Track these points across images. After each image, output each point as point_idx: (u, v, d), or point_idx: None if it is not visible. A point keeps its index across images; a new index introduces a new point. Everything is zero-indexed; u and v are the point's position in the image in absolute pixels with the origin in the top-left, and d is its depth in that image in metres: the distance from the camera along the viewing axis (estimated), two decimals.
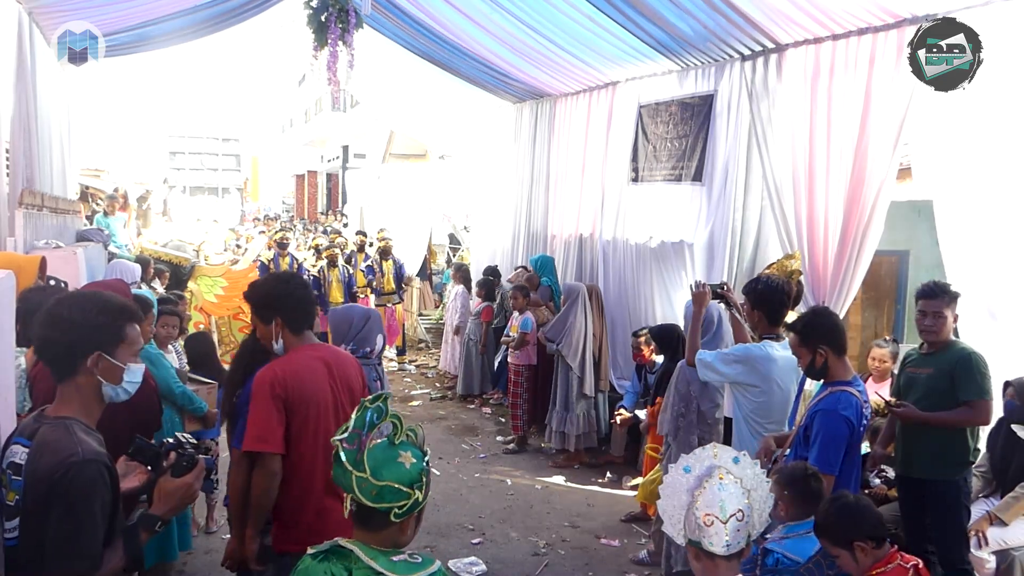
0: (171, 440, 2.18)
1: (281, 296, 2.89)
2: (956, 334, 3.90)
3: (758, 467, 2.25)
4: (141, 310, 3.79)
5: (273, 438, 2.73)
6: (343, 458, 1.85)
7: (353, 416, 1.89)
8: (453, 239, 14.54)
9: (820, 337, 3.29)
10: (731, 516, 2.08)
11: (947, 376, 3.73)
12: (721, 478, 2.12)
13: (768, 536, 3.06)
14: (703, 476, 2.13)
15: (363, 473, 1.83)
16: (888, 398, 3.94)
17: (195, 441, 2.20)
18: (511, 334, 7.63)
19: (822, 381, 3.43)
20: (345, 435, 1.87)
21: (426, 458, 1.93)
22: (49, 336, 2.03)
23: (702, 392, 4.64)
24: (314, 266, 10.74)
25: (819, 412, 3.25)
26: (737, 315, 4.32)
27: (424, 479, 1.89)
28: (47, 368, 2.17)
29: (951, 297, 3.76)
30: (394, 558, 1.87)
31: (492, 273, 9.24)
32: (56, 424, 1.99)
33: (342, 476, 1.85)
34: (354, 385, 2.95)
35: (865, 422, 3.34)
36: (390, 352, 11.12)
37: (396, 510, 1.86)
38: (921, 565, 2.64)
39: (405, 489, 1.85)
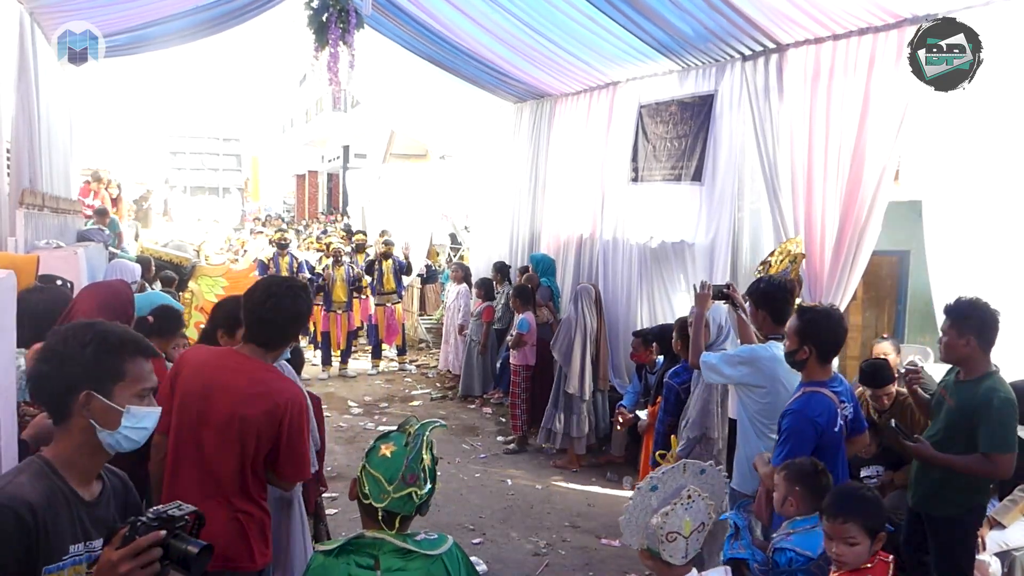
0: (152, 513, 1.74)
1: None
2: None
3: (723, 472, 2.26)
4: (171, 322, 3.78)
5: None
6: (420, 500, 2.01)
7: (424, 468, 2.03)
8: (453, 239, 14.54)
9: (813, 337, 3.31)
10: (693, 531, 2.10)
11: (968, 416, 3.35)
12: (689, 498, 2.12)
13: (775, 536, 3.06)
14: (669, 497, 2.13)
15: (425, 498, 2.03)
16: (898, 425, 3.80)
17: (174, 514, 1.69)
18: (512, 334, 7.65)
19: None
20: (422, 487, 2.01)
21: (431, 447, 2.08)
22: (41, 371, 1.79)
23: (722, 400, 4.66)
24: (320, 262, 10.74)
25: (789, 413, 3.29)
26: (743, 316, 4.32)
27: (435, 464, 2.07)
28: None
29: (958, 316, 3.35)
30: (417, 538, 1.99)
31: (501, 268, 9.20)
32: (26, 462, 1.80)
33: (406, 506, 1.99)
34: (247, 413, 2.62)
35: (842, 423, 3.32)
36: (390, 352, 11.14)
37: (427, 505, 2.07)
38: (891, 559, 2.62)
39: (431, 484, 2.06)
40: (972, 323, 3.36)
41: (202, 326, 8.53)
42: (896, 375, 4.16)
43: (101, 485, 1.86)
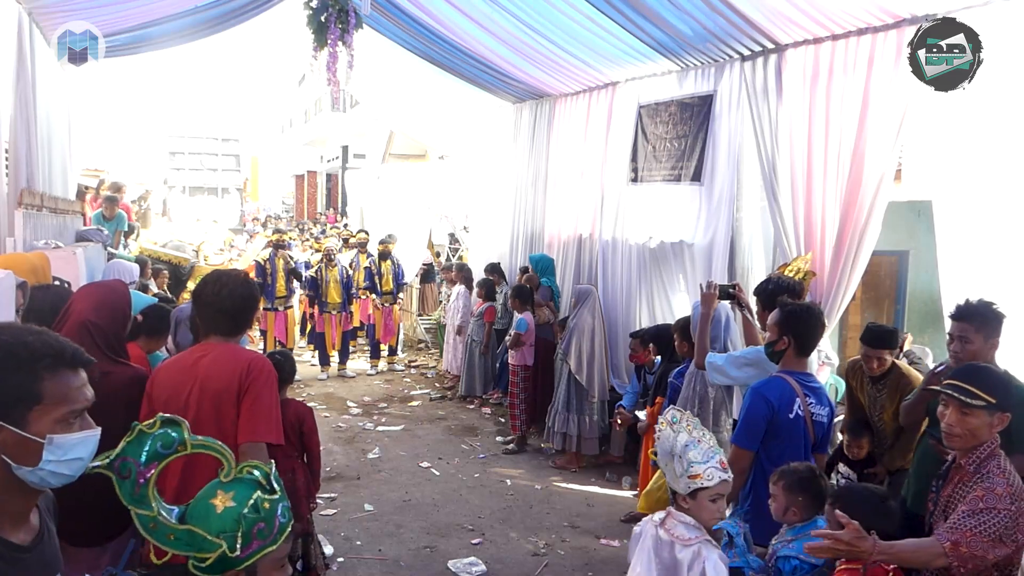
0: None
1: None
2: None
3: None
4: (161, 321, 3.78)
5: None
6: (117, 490, 1.55)
7: (123, 442, 1.58)
8: (452, 238, 14.53)
9: (793, 329, 3.40)
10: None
11: None
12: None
13: (775, 543, 3.05)
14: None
15: (147, 511, 1.55)
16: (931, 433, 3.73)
17: None
18: (511, 334, 7.64)
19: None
20: (106, 462, 1.53)
21: (252, 501, 1.59)
22: None
23: (722, 399, 4.64)
24: (312, 267, 10.73)
25: (749, 389, 3.44)
26: (749, 316, 4.32)
27: (242, 528, 1.54)
28: None
29: (984, 320, 3.28)
30: None
31: (494, 270, 9.21)
32: None
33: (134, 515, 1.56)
34: (214, 385, 2.67)
35: (799, 412, 3.34)
36: (384, 351, 11.12)
37: (193, 562, 1.55)
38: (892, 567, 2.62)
39: (211, 538, 1.53)
40: (996, 325, 3.33)
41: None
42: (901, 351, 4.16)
43: (37, 515, 1.54)
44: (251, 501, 1.57)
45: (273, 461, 1.70)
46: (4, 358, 1.41)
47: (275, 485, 1.62)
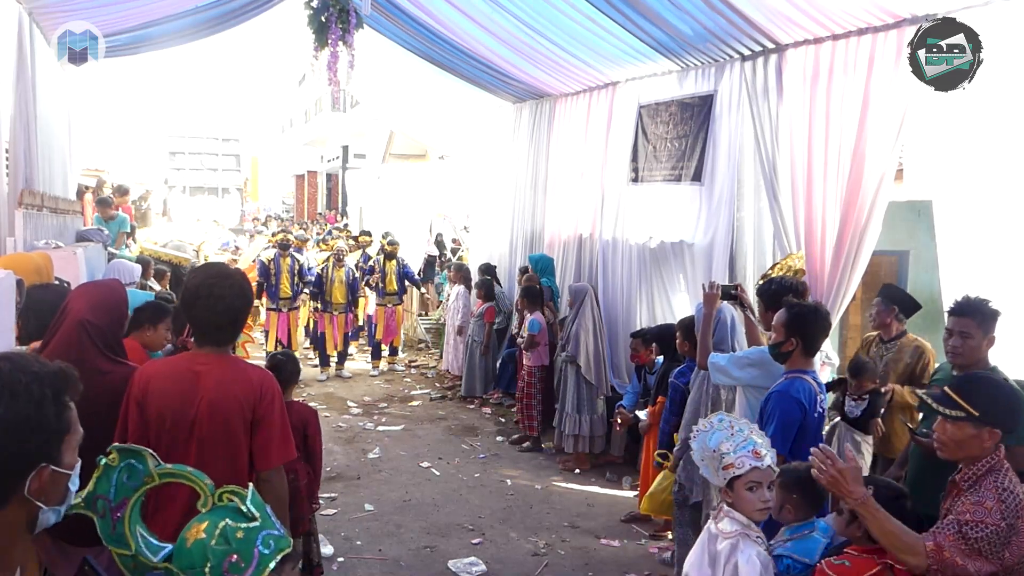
0: None
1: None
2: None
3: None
4: (158, 316, 3.79)
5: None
6: (98, 529, 1.47)
7: (93, 479, 1.48)
8: (440, 243, 14.54)
9: (800, 330, 3.42)
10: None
11: None
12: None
13: (772, 543, 3.06)
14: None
15: (125, 551, 1.46)
16: (910, 424, 3.78)
17: None
18: (523, 335, 7.59)
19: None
20: (81, 501, 1.43)
21: (218, 530, 1.47)
22: None
23: (733, 400, 4.64)
24: (320, 264, 10.73)
25: (774, 394, 3.42)
26: (751, 317, 4.32)
27: (210, 562, 1.43)
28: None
29: (984, 316, 3.32)
30: None
31: (488, 271, 9.21)
32: None
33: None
34: (225, 407, 2.57)
35: (820, 410, 3.43)
36: (385, 352, 11.11)
37: None
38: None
39: (181, 575, 1.45)
40: (993, 322, 3.35)
41: None
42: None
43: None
44: (217, 531, 1.46)
45: (252, 485, 1.60)
46: (56, 393, 1.29)
47: (255, 512, 1.51)
